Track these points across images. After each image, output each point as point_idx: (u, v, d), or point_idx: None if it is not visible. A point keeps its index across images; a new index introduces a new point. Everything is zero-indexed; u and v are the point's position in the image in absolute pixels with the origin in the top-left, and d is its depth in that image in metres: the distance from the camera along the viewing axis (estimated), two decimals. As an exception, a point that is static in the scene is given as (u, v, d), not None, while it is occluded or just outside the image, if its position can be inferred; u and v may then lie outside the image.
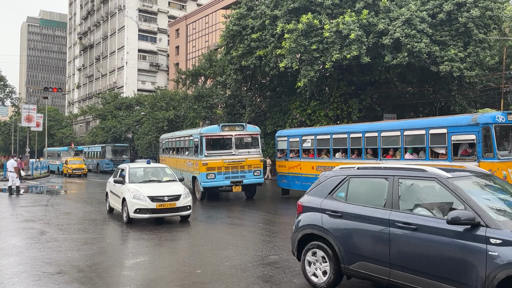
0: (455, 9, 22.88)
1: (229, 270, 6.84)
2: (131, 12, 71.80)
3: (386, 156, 13.28)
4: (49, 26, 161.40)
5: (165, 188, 11.35)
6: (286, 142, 18.06)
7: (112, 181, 12.72)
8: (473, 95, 29.34)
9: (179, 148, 19.92)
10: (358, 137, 14.17)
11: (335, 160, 14.98)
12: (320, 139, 16.14)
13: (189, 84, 43.89)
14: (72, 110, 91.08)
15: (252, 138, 17.11)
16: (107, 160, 43.01)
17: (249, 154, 16.53)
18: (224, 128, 16.81)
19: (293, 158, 17.29)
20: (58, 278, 6.47)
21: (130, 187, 11.13)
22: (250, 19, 28.01)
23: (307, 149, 16.71)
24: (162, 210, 10.73)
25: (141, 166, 12.81)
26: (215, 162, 15.92)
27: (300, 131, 18.07)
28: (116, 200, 12.10)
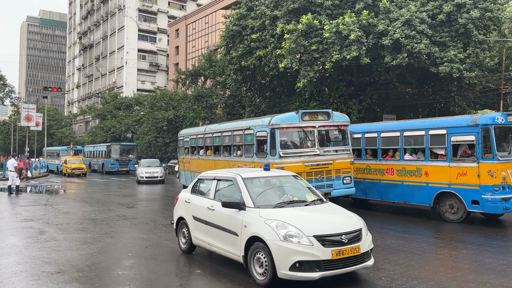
0: (455, 10, 22.90)
1: (228, 270, 6.84)
2: (131, 12, 71.78)
3: (385, 156, 13.25)
4: (48, 26, 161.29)
5: (329, 217, 6.46)
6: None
7: (198, 201, 7.57)
8: (472, 96, 29.38)
9: (220, 147, 15.04)
10: (358, 137, 14.03)
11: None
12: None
13: (188, 84, 43.90)
14: (72, 110, 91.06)
15: (339, 130, 12.82)
16: (112, 160, 40.87)
17: (336, 154, 12.35)
18: (304, 116, 12.22)
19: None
20: (57, 277, 6.47)
21: (266, 216, 6.08)
22: (250, 19, 28.03)
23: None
24: (341, 261, 5.77)
25: (261, 175, 7.35)
26: (293, 165, 11.21)
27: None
28: (224, 238, 6.73)
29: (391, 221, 12.11)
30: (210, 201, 7.23)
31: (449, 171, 11.25)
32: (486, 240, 9.36)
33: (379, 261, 7.48)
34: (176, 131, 48.97)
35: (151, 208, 15.13)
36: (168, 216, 12.94)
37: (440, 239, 9.50)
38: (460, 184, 10.99)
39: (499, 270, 6.90)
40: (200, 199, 7.59)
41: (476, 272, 6.77)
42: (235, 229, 6.39)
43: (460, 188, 11.00)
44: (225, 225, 6.65)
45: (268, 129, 11.82)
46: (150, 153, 51.47)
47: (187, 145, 18.44)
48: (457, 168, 11.05)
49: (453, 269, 6.89)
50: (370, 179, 13.56)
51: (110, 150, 41.13)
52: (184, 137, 19.06)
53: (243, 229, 6.20)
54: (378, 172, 13.31)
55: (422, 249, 8.36)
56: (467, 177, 10.84)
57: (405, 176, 12.47)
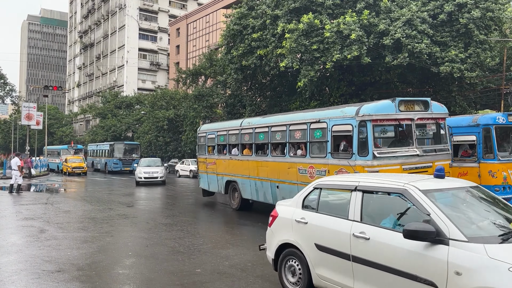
0: (456, 10, 22.89)
1: (229, 269, 6.84)
2: (132, 11, 71.80)
3: None
4: (49, 25, 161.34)
5: None
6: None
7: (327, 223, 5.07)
8: (473, 96, 29.35)
9: (268, 145, 12.22)
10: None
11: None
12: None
13: (189, 84, 43.90)
14: (72, 109, 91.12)
15: (437, 124, 10.37)
16: (115, 160, 39.75)
17: (436, 154, 9.94)
18: (401, 105, 9.48)
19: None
20: (58, 276, 6.46)
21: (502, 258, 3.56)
22: (251, 18, 28.03)
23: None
24: None
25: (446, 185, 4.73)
26: (389, 169, 8.92)
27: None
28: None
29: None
30: (353, 224, 4.74)
31: (450, 171, 11.18)
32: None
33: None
34: (177, 130, 49.05)
35: (152, 207, 15.13)
36: (168, 215, 12.94)
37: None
38: None
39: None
40: (331, 220, 5.05)
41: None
42: (430, 276, 3.91)
43: None
44: (403, 267, 4.13)
45: (355, 121, 9.16)
46: (151, 152, 51.48)
47: (211, 143, 15.51)
48: (457, 168, 11.00)
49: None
50: None
51: (113, 149, 40.21)
52: (207, 134, 15.87)
53: (453, 278, 3.74)
54: None
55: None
56: (467, 177, 10.68)
57: None
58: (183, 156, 47.32)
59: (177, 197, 19.14)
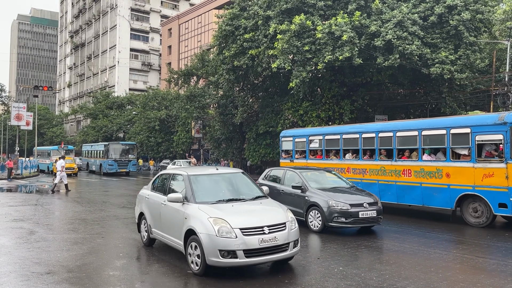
0: (446, 12, 23.10)
1: (221, 270, 6.82)
2: (123, 11, 71.44)
3: (401, 157, 12.69)
4: (40, 24, 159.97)
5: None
6: (291, 142, 16.89)
7: None
8: (463, 97, 29.63)
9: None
10: (371, 137, 13.56)
11: (345, 161, 14.54)
12: (329, 139, 15.19)
13: (181, 84, 43.78)
14: (63, 109, 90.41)
15: None
16: (110, 161, 38.12)
17: None
18: None
19: (299, 159, 16.27)
20: (47, 278, 6.41)
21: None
22: (243, 19, 28.03)
23: (315, 149, 15.82)
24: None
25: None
26: None
27: (306, 131, 17.07)
28: None
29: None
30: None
31: (473, 172, 10.72)
32: (476, 240, 9.44)
33: (370, 261, 7.51)
34: (168, 131, 48.92)
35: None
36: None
37: (431, 239, 9.57)
38: (486, 186, 10.47)
39: (489, 270, 6.96)
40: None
41: (466, 272, 6.82)
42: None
43: (486, 191, 10.48)
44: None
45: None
46: (142, 153, 51.26)
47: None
48: (482, 169, 10.55)
49: (443, 269, 6.93)
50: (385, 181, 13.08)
51: (108, 149, 38.64)
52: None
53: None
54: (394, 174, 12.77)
55: (413, 250, 8.40)
56: (494, 179, 10.31)
57: (423, 178, 11.99)
58: (174, 156, 47.21)
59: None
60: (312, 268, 6.98)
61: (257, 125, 34.45)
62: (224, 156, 41.32)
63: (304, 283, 6.16)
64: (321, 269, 6.93)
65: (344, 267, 7.02)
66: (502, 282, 6.27)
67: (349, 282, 6.23)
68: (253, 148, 35.02)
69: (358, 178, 13.86)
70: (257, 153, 34.64)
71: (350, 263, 7.27)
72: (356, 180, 13.62)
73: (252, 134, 34.78)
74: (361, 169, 13.85)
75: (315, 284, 6.12)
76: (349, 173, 14.18)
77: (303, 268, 6.98)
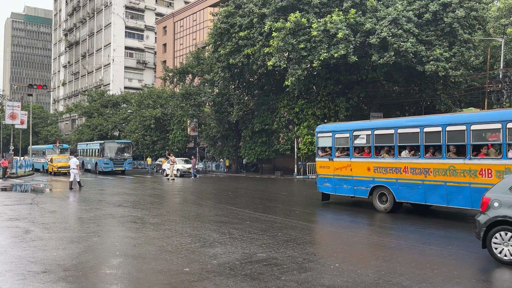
0: (441, 9, 23.16)
1: (217, 268, 6.84)
2: (118, 9, 71.13)
3: (478, 154, 10.83)
4: (33, 22, 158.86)
5: None
6: (331, 138, 14.97)
7: None
8: (457, 95, 29.75)
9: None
10: (437, 131, 11.58)
11: (401, 159, 12.52)
12: (380, 135, 13.29)
13: (176, 82, 43.68)
14: (58, 108, 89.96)
15: None
16: (106, 159, 37.58)
17: None
18: None
19: (341, 158, 14.54)
20: (44, 277, 6.39)
21: None
22: (238, 17, 27.99)
23: (361, 146, 13.94)
24: None
25: None
26: None
27: (350, 125, 15.10)
28: None
29: (383, 220, 12.21)
30: None
31: None
32: (471, 235, 9.51)
33: (366, 258, 7.55)
34: (164, 129, 48.84)
35: (139, 207, 15.04)
36: (156, 214, 12.88)
37: (426, 236, 9.62)
38: None
39: (483, 264, 7.02)
40: None
41: (461, 268, 6.87)
42: None
43: None
44: None
45: None
46: (138, 151, 51.13)
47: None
48: None
49: (439, 265, 6.98)
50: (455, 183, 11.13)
51: (103, 148, 38.21)
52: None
53: None
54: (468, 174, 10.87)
55: (409, 246, 8.45)
56: None
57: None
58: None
59: (164, 197, 19.05)
60: (308, 265, 7.01)
61: (252, 123, 34.44)
62: (220, 154, 41.30)
63: (300, 280, 6.18)
64: (317, 266, 6.96)
65: (340, 263, 7.05)
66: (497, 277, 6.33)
67: (345, 278, 6.26)
68: (248, 146, 35.01)
69: (418, 179, 11.90)
70: (253, 151, 34.64)
71: (346, 260, 7.31)
72: (416, 182, 11.94)
73: (248, 132, 34.77)
74: (422, 168, 11.81)
75: (312, 281, 6.14)
76: (407, 173, 12.28)
77: (300, 265, 7.01)
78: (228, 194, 19.52)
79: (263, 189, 22.17)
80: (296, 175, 32.63)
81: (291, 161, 34.77)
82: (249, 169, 41.47)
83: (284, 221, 11.52)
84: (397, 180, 12.60)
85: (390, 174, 12.82)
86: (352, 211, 13.71)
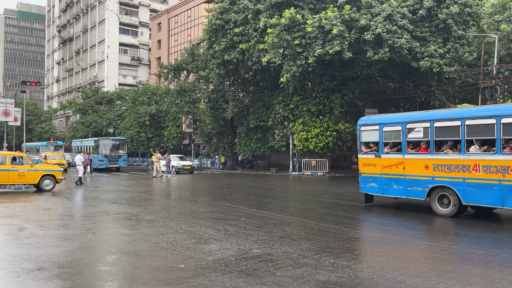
0: (435, 5, 23.23)
1: (212, 264, 6.84)
2: (112, 5, 70.68)
3: None
4: (27, 19, 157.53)
5: None
6: (377, 132, 13.13)
7: None
8: (452, 91, 29.87)
9: None
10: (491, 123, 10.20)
11: (470, 156, 10.71)
12: (442, 127, 11.47)
13: (171, 79, 43.54)
14: (52, 105, 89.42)
15: None
16: (100, 156, 37.48)
17: None
18: None
19: (391, 154, 12.72)
20: (38, 274, 6.37)
21: None
22: (233, 13, 27.91)
23: (417, 140, 12.12)
24: None
25: None
26: None
27: (402, 117, 13.15)
28: None
29: (370, 213, 12.26)
30: None
31: None
32: (465, 231, 9.57)
33: (361, 253, 7.59)
34: (159, 126, 48.72)
35: (134, 204, 15.01)
36: (151, 211, 12.87)
37: (420, 231, 9.68)
38: None
39: (477, 260, 7.07)
40: None
41: (455, 263, 6.91)
42: None
43: None
44: None
45: None
46: (133, 148, 50.98)
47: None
48: None
49: (433, 260, 7.02)
50: None
51: (98, 145, 38.16)
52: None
53: None
54: None
55: (403, 241, 8.50)
56: None
57: None
58: (165, 152, 46.98)
59: (160, 194, 19.03)
60: (303, 261, 7.03)
61: (248, 119, 34.42)
62: (215, 151, 41.26)
63: (295, 275, 6.20)
64: (312, 261, 6.98)
65: (335, 259, 7.08)
66: (490, 272, 6.37)
67: (340, 274, 6.29)
68: (244, 142, 35.00)
69: (494, 179, 10.18)
70: (248, 147, 34.64)
71: (341, 255, 7.34)
72: (491, 182, 10.23)
73: (243, 128, 34.75)
74: (499, 167, 10.07)
75: (307, 277, 6.17)
76: (478, 172, 10.51)
77: (294, 260, 7.03)
78: (224, 191, 19.53)
79: (258, 186, 22.19)
80: (292, 171, 32.67)
81: (287, 158, 34.81)
82: (244, 166, 41.49)
83: (279, 217, 11.54)
84: (465, 180, 10.79)
85: (455, 173, 10.96)
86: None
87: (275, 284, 5.82)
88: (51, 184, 19.20)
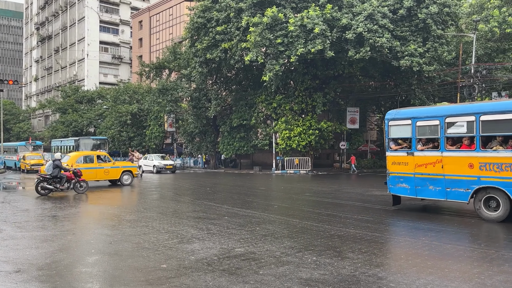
0: (415, 5, 23.57)
1: (195, 264, 6.80)
2: (92, 2, 69.64)
3: None
4: (4, 16, 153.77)
5: None
6: (410, 127, 11.83)
7: None
8: (431, 89, 30.36)
9: None
10: None
11: None
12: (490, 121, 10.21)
13: (153, 77, 43.16)
14: (30, 104, 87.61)
15: None
16: None
17: None
18: None
19: (426, 152, 11.49)
20: (16, 277, 6.23)
21: None
22: (215, 11, 27.81)
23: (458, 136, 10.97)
24: None
25: None
26: None
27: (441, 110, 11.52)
28: None
29: (355, 212, 12.39)
30: None
31: None
32: (444, 227, 9.74)
33: (343, 250, 7.65)
34: (140, 125, 48.23)
35: (115, 204, 14.83)
36: (133, 211, 12.73)
37: (401, 228, 9.81)
38: None
39: (456, 255, 7.21)
40: None
41: (435, 258, 7.03)
42: None
43: None
44: None
45: None
46: (114, 148, 50.34)
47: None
48: None
49: (413, 256, 7.13)
50: None
51: (78, 144, 37.46)
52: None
53: None
54: None
55: (385, 238, 8.60)
56: None
57: None
58: (147, 151, 46.57)
59: (141, 193, 18.84)
60: (286, 259, 7.05)
61: (230, 118, 34.36)
62: (198, 150, 41.06)
63: (278, 273, 6.21)
64: (295, 259, 7.01)
65: (317, 256, 7.12)
66: (469, 267, 6.50)
67: (322, 271, 6.32)
68: (227, 141, 34.93)
69: None
70: (231, 146, 34.58)
71: (323, 253, 7.38)
72: None
73: (226, 127, 34.68)
74: None
75: (289, 274, 6.18)
76: None
77: (277, 259, 7.04)
78: (206, 190, 19.45)
79: (242, 184, 22.17)
80: (275, 170, 32.74)
81: (270, 156, 34.87)
82: (227, 165, 41.39)
83: (262, 215, 11.55)
84: None
85: (507, 172, 9.77)
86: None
87: (258, 282, 5.82)
88: (130, 179, 21.49)
